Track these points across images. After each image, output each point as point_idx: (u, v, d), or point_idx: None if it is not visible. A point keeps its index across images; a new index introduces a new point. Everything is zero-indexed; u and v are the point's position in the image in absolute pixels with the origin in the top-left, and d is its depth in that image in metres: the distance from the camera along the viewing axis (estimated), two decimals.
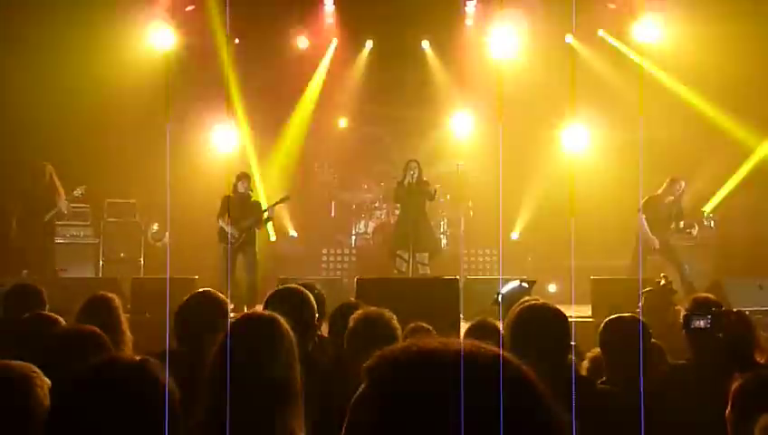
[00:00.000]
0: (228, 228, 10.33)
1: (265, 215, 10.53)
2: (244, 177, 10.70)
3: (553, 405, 1.07)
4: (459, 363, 1.03)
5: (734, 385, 1.74)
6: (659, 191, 10.18)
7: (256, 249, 10.60)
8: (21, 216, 10.31)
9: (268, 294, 3.78)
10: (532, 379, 1.09)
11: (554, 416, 1.07)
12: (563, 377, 2.64)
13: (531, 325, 2.98)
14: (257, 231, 10.71)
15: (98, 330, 3.01)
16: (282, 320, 2.54)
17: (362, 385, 1.11)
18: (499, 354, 1.07)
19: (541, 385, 1.08)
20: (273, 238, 12.29)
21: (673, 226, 10.25)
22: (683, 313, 3.61)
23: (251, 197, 10.73)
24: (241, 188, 10.56)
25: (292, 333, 2.51)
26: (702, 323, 3.33)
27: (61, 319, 3.39)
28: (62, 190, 10.35)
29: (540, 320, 3.02)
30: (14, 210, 10.43)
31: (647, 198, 10.19)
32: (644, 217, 10.09)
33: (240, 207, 10.47)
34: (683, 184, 10.23)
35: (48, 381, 2.22)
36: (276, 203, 10.86)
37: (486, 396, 1.02)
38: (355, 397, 1.11)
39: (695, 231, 10.28)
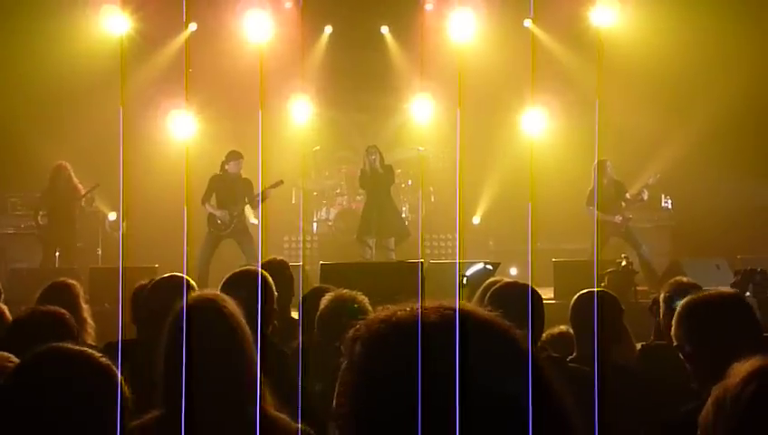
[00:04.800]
0: (217, 212, 10.00)
1: (259, 198, 10.06)
2: (236, 156, 10.13)
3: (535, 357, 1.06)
4: (440, 328, 1.01)
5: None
6: (593, 183, 10.28)
7: (249, 231, 10.24)
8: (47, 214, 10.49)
9: (224, 278, 3.69)
10: (516, 334, 1.07)
11: (539, 367, 1.05)
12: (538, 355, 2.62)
13: (508, 302, 2.96)
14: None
15: (63, 311, 2.93)
16: (223, 300, 2.48)
17: (344, 361, 1.08)
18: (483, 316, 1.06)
19: (524, 340, 1.07)
20: (253, 221, 11.92)
21: (624, 204, 10.36)
22: (663, 294, 3.67)
23: (241, 176, 10.21)
24: (233, 169, 10.08)
25: (236, 311, 2.45)
26: None
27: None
28: (81, 187, 10.50)
29: (516, 297, 3.00)
30: (37, 208, 10.58)
31: (587, 193, 10.29)
32: (591, 208, 10.21)
33: (230, 188, 10.05)
34: (608, 162, 10.32)
35: None
36: (271, 187, 10.30)
37: (470, 355, 1.00)
38: (341, 373, 1.08)
39: (645, 195, 10.40)
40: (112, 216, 11.73)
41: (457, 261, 9.63)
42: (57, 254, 10.34)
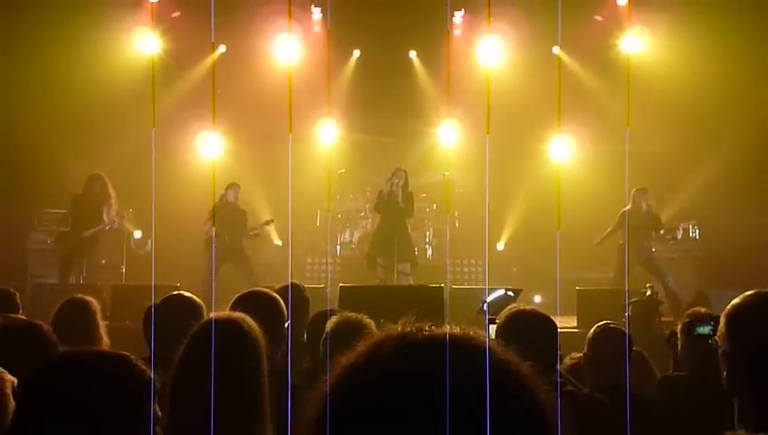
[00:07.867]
0: (212, 234, 10.43)
1: (252, 232, 10.93)
2: (234, 186, 10.91)
3: (538, 389, 1.02)
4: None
5: None
6: (629, 206, 10.26)
7: (248, 255, 10.80)
8: (72, 224, 10.35)
9: (234, 298, 3.60)
10: (515, 363, 1.04)
11: (539, 400, 1.02)
12: (551, 382, 2.57)
13: (519, 329, 2.92)
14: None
15: (40, 324, 2.89)
16: (247, 321, 2.42)
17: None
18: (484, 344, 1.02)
19: (525, 369, 1.04)
20: (277, 243, 12.73)
21: (654, 234, 10.36)
22: (681, 325, 3.63)
23: (239, 207, 10.96)
24: (230, 198, 10.80)
25: (259, 335, 2.38)
26: (706, 329, 3.30)
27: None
28: (113, 202, 10.25)
29: (528, 324, 2.96)
30: (69, 217, 10.52)
31: (621, 211, 10.28)
32: (617, 230, 10.20)
33: (227, 217, 10.59)
34: (648, 191, 10.31)
35: (13, 380, 2.14)
36: (262, 225, 11.30)
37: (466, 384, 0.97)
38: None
39: (679, 234, 10.34)
40: (138, 234, 11.79)
41: (486, 287, 9.58)
42: (85, 271, 10.36)
